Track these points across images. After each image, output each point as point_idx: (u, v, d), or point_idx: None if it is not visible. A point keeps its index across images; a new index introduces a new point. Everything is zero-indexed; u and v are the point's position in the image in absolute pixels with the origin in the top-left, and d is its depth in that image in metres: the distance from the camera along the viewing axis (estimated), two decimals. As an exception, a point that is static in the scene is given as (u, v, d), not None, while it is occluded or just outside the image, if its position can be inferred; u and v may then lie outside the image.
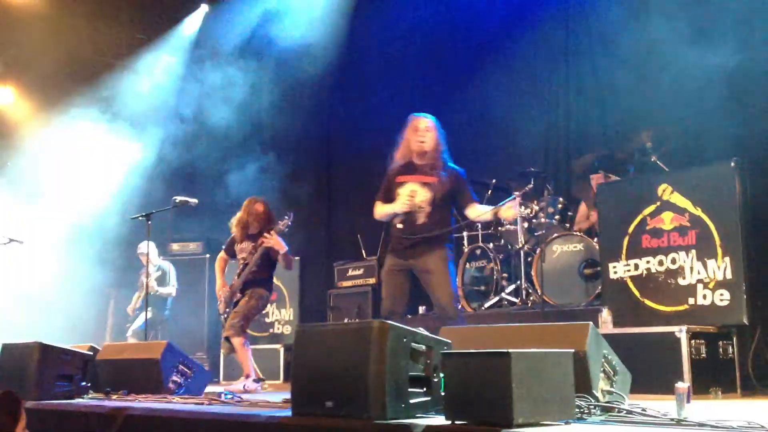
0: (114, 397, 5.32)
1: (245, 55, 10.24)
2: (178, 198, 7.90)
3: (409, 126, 5.57)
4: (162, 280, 8.98)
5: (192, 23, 11.04)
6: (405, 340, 3.53)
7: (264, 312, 8.83)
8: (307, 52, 9.72)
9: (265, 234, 6.49)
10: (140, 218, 7.57)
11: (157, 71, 10.68)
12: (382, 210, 5.59)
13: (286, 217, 6.61)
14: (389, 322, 3.48)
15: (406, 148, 5.56)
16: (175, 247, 9.69)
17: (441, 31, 9.05)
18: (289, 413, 3.77)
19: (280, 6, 10.06)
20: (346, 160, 10.03)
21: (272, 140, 10.32)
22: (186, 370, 5.50)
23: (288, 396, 4.01)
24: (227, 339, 6.46)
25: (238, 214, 6.80)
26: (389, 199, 5.54)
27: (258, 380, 6.58)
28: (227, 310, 6.63)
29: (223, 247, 7.01)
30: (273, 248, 6.52)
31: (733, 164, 5.42)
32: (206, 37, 10.84)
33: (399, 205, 5.45)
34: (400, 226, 5.47)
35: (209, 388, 5.86)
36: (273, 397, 4.90)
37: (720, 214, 5.44)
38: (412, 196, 5.41)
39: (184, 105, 10.40)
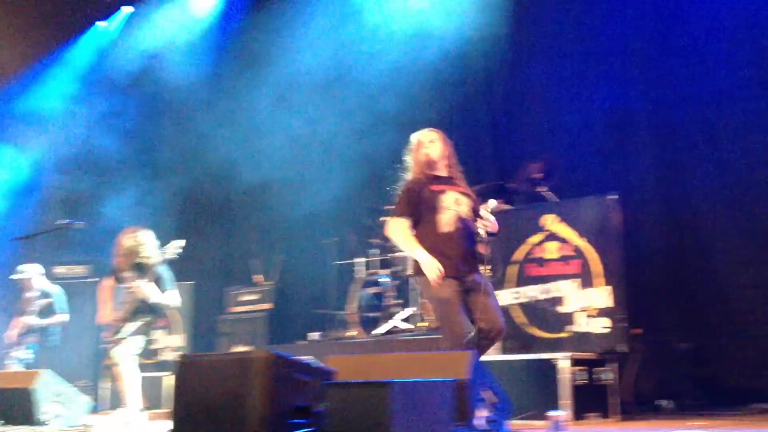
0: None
1: (139, 82, 10.06)
2: (65, 220, 7.63)
3: (412, 146, 4.93)
4: (49, 308, 8.58)
5: (86, 46, 10.83)
6: (289, 369, 3.50)
7: (151, 338, 8.62)
8: (201, 79, 9.64)
9: (135, 285, 6.35)
10: (24, 240, 7.27)
11: (48, 91, 10.36)
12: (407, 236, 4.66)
13: (177, 242, 6.47)
14: (272, 352, 3.45)
15: (417, 165, 4.84)
16: (60, 270, 9.34)
17: (338, 62, 9.07)
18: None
19: (177, 36, 9.99)
20: (243, 183, 9.92)
21: (166, 163, 10.12)
22: (64, 399, 5.29)
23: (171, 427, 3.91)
24: (110, 366, 6.25)
25: (120, 243, 6.61)
26: (419, 213, 4.67)
27: (142, 410, 6.39)
28: (113, 338, 6.42)
29: (108, 273, 6.79)
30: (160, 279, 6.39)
31: (615, 197, 5.66)
32: (100, 63, 10.60)
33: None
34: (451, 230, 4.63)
35: (91, 418, 5.66)
36: (157, 428, 4.77)
37: (602, 244, 5.67)
38: (459, 204, 4.68)
39: (74, 127, 10.10)
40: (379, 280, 7.60)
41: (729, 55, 6.65)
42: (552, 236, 5.88)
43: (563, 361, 5.28)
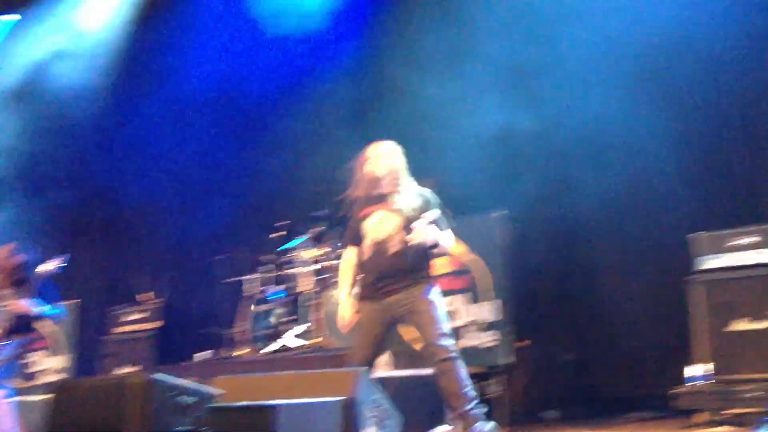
0: None
1: (22, 95, 9.66)
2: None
3: (359, 160, 4.79)
4: None
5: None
6: (170, 393, 3.41)
7: (32, 360, 8.26)
8: (83, 95, 9.33)
9: (12, 302, 6.08)
10: None
11: None
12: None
13: (59, 259, 6.21)
14: (152, 375, 3.36)
15: (359, 182, 4.72)
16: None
17: (229, 80, 8.98)
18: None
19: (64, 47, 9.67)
20: (127, 203, 9.66)
21: (50, 179, 9.75)
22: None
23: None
24: None
25: None
26: (359, 240, 4.62)
27: None
28: None
29: None
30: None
31: (501, 214, 5.81)
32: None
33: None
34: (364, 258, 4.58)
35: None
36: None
37: (491, 260, 5.80)
38: (382, 224, 4.54)
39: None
40: (269, 297, 7.53)
41: (609, 78, 6.93)
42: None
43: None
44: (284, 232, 7.72)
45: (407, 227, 4.46)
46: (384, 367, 5.81)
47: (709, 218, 6.35)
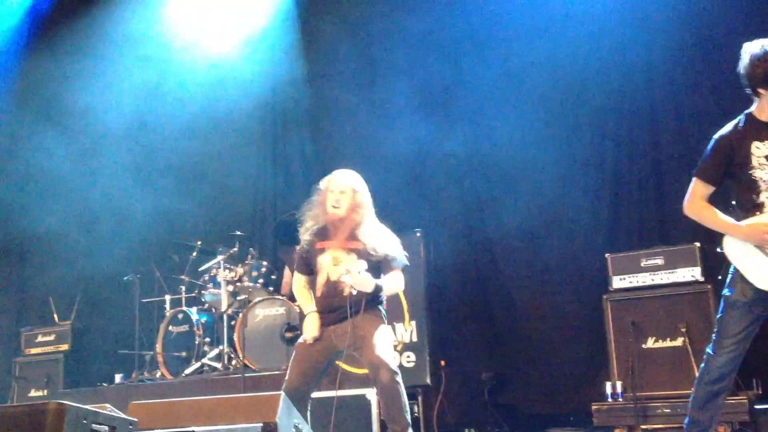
0: None
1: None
2: None
3: (325, 185, 4.67)
4: None
5: None
6: (85, 421, 3.30)
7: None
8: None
9: None
10: None
11: None
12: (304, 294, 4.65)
13: None
14: (66, 403, 3.24)
15: (319, 209, 4.63)
16: None
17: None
18: None
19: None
20: (40, 218, 9.33)
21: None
22: None
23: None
24: None
25: None
26: (310, 271, 4.62)
27: None
28: None
29: None
30: None
31: (418, 234, 5.85)
32: None
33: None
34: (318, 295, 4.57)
35: None
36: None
37: (408, 278, 5.81)
38: (336, 263, 4.48)
39: None
40: (188, 317, 7.38)
41: (525, 100, 7.10)
42: (361, 272, 5.97)
43: (373, 396, 5.36)
44: (194, 254, 7.60)
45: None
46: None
47: (623, 238, 6.57)
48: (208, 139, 8.47)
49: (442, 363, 6.09)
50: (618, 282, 5.70)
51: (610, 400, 5.49)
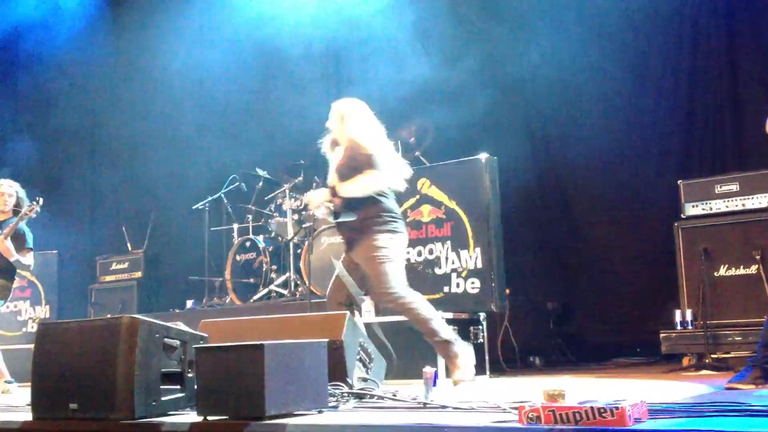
0: None
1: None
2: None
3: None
4: None
5: None
6: (157, 335, 3.41)
7: (16, 309, 8.22)
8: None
9: None
10: None
11: None
12: None
13: (34, 203, 6.08)
14: (139, 317, 3.35)
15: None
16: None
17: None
18: (29, 417, 3.51)
19: None
20: (112, 149, 9.56)
21: (18, 119, 9.63)
22: None
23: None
24: None
25: None
26: None
27: (9, 382, 6.08)
28: None
29: None
30: (17, 239, 5.99)
31: (483, 160, 5.78)
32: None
33: None
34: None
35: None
36: (19, 401, 4.55)
37: (471, 206, 5.79)
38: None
39: None
40: (256, 245, 7.51)
41: (590, 27, 6.88)
42: (425, 199, 5.96)
43: (438, 320, 5.38)
44: (261, 184, 7.68)
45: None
46: (369, 313, 5.84)
47: (696, 165, 6.40)
48: (271, 73, 8.48)
49: (507, 291, 6.07)
50: (690, 209, 5.58)
51: (679, 328, 5.42)
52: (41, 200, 6.08)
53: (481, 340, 5.71)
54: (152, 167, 8.79)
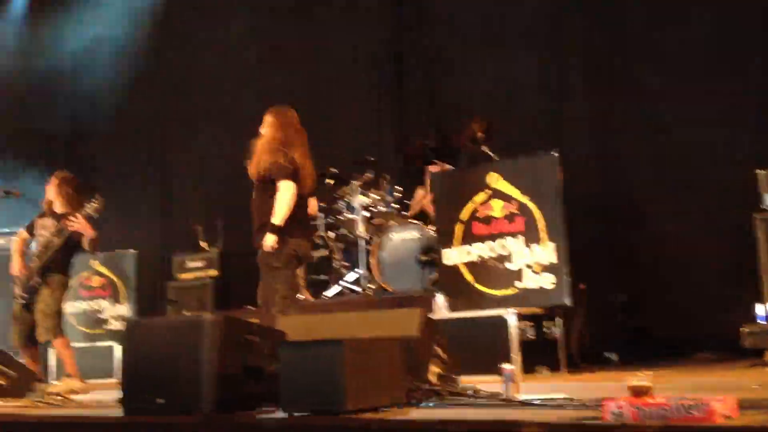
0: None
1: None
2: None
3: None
4: None
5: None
6: (239, 332, 3.49)
7: (98, 307, 8.47)
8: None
9: (70, 217, 6.02)
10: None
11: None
12: None
13: (95, 200, 6.17)
14: (222, 314, 3.43)
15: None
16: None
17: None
18: (120, 413, 3.63)
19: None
20: (184, 147, 9.78)
21: (107, 123, 9.92)
22: (8, 371, 5.16)
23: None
24: (34, 341, 6.04)
25: (46, 190, 6.35)
26: None
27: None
28: (24, 294, 6.16)
29: (25, 225, 6.50)
30: (77, 231, 6.10)
31: (555, 154, 5.72)
32: None
33: None
34: None
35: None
36: (106, 397, 4.71)
37: (544, 201, 5.73)
38: None
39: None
40: (326, 242, 7.58)
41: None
42: (496, 194, 5.94)
43: (511, 317, 5.36)
44: (333, 181, 7.73)
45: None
46: (441, 310, 5.86)
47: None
48: (338, 70, 8.56)
49: (582, 286, 6.01)
50: (772, 199, 5.43)
51: (761, 321, 5.28)
52: (101, 199, 6.12)
53: (556, 336, 5.66)
54: (225, 165, 8.94)
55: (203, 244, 8.69)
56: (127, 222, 7.04)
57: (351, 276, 7.41)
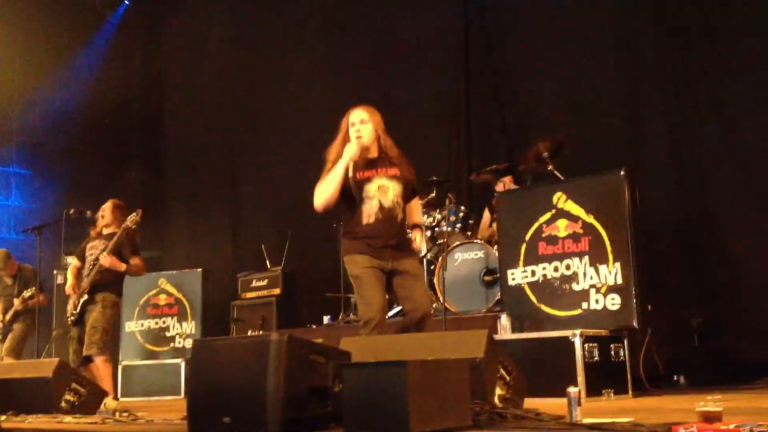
0: (2, 418, 5.09)
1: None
2: (72, 209, 7.58)
3: (343, 121, 4.93)
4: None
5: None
6: (304, 352, 3.51)
7: (165, 325, 8.64)
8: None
9: (99, 256, 6.27)
10: (30, 231, 7.31)
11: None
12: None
13: (134, 214, 6.38)
14: (287, 334, 3.46)
15: (340, 145, 4.84)
16: (70, 260, 9.34)
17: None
18: (185, 430, 3.68)
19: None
20: (251, 168, 9.96)
21: (164, 144, 10.16)
22: (79, 388, 5.30)
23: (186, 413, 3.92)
24: (88, 357, 6.20)
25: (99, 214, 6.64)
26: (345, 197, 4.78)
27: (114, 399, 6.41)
28: (74, 311, 6.35)
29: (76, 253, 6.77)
30: (125, 248, 6.36)
31: (623, 173, 5.63)
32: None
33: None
34: (372, 221, 4.71)
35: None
36: (172, 415, 4.80)
37: (610, 221, 5.64)
38: (384, 191, 4.72)
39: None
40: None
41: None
42: (561, 214, 5.86)
43: (576, 339, 5.28)
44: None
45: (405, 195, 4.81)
46: (505, 330, 5.80)
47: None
48: (401, 88, 8.60)
49: (649, 307, 5.87)
50: None
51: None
52: (140, 211, 6.38)
53: (623, 358, 5.55)
54: (290, 187, 9.07)
55: (269, 264, 8.81)
56: (197, 243, 7.17)
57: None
